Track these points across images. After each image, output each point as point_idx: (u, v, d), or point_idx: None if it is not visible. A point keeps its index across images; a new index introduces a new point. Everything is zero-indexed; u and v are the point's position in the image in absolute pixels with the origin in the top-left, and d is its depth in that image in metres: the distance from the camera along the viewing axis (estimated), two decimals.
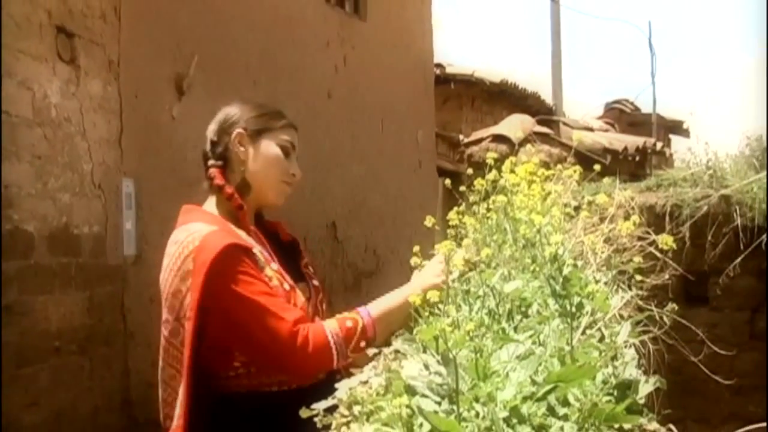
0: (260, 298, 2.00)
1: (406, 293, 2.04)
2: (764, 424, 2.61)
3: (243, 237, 2.12)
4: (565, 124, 12.66)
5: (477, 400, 1.22)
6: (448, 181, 2.51)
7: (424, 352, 1.40)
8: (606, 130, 14.10)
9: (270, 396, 2.07)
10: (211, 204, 2.20)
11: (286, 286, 2.10)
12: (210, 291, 2.00)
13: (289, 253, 2.28)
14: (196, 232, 2.07)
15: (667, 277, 3.16)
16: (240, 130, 2.18)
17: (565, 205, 2.04)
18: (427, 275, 2.08)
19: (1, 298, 3.69)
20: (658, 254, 3.03)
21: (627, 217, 1.71)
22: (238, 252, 2.04)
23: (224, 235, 2.06)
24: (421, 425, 1.19)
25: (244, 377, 2.07)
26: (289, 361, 2.02)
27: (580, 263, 1.87)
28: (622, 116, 16.74)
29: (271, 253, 2.17)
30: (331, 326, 2.04)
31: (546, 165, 2.11)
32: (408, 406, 1.19)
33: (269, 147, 2.18)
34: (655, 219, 4.36)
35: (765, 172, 4.79)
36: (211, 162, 2.20)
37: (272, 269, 2.11)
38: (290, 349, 1.99)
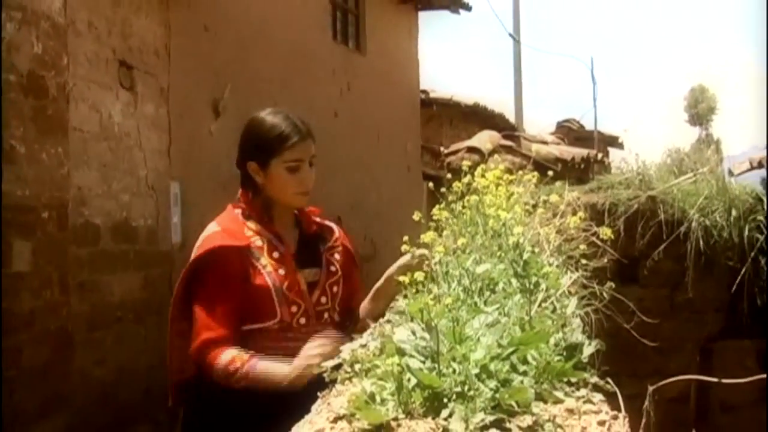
0: (202, 308, 1.99)
1: (285, 370, 1.86)
2: (681, 377, 2.60)
3: (249, 234, 2.04)
4: (525, 138, 12.61)
5: (454, 359, 1.22)
6: (431, 184, 2.49)
7: (412, 321, 1.39)
8: (557, 143, 14.06)
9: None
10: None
11: (281, 272, 2.01)
12: (185, 281, 2.07)
13: (311, 242, 2.16)
14: (207, 230, 2.06)
15: (605, 261, 3.15)
16: (252, 163, 2.07)
17: (525, 204, 2.04)
18: (302, 357, 1.86)
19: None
20: (599, 243, 3.02)
21: (574, 213, 1.71)
22: (219, 256, 1.99)
23: (222, 237, 2.01)
24: (409, 380, 1.18)
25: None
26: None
27: (537, 250, 1.86)
28: (570, 132, 16.69)
29: (286, 243, 2.08)
30: (225, 358, 1.91)
31: (510, 171, 2.10)
32: (398, 365, 1.19)
33: (277, 170, 2.05)
34: (596, 215, 4.34)
35: (682, 177, 4.81)
36: (242, 181, 2.12)
37: (272, 258, 2.02)
38: (194, 355, 1.98)
